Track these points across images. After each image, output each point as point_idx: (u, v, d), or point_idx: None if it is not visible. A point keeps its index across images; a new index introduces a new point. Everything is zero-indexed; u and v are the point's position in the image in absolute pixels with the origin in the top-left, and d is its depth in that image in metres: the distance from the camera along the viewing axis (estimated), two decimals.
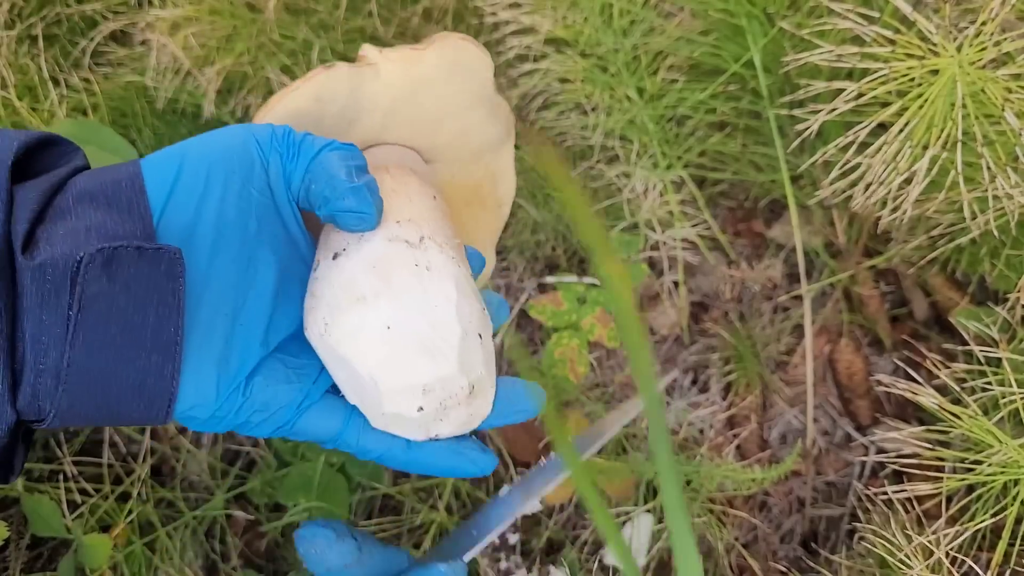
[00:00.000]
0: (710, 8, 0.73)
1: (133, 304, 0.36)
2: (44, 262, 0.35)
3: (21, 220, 0.36)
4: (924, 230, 0.72)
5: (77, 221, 0.37)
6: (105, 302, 0.36)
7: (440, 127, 0.53)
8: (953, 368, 0.64)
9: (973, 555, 0.61)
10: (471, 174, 0.58)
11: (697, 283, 0.84)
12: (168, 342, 0.37)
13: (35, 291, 0.35)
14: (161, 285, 0.37)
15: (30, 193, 0.38)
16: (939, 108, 0.55)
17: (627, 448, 0.74)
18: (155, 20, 0.72)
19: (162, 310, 0.37)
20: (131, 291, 0.36)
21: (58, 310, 0.35)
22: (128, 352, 0.36)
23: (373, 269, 0.41)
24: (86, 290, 0.35)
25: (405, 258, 0.42)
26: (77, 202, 0.38)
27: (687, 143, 0.80)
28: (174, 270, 0.37)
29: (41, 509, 0.63)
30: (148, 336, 0.37)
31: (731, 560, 0.71)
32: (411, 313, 0.40)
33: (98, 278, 0.35)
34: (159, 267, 0.37)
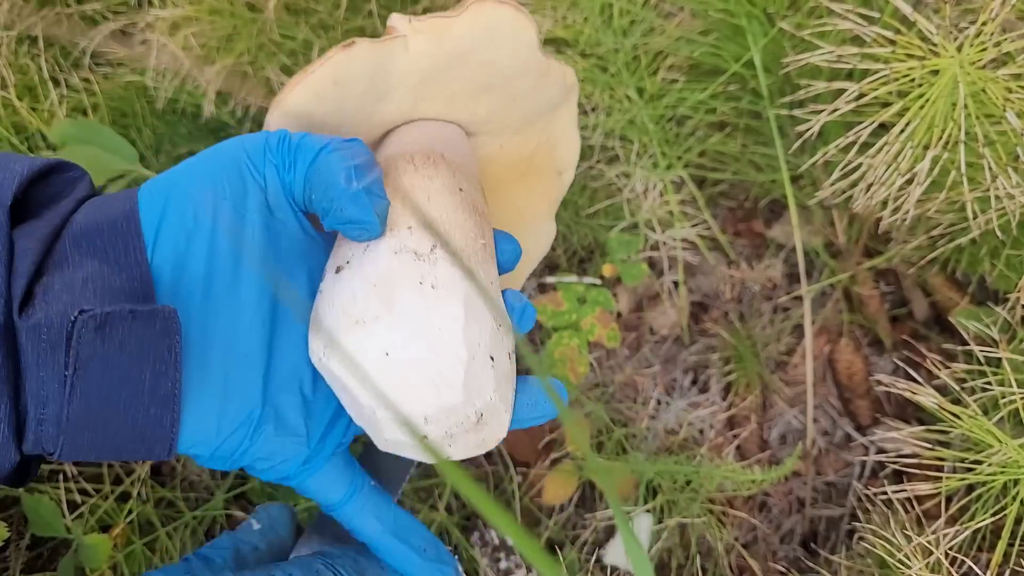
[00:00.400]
0: (710, 8, 0.73)
1: (129, 362, 0.36)
2: (39, 323, 0.35)
3: (21, 274, 0.36)
4: (924, 230, 0.72)
5: (74, 272, 0.37)
6: (100, 362, 0.36)
7: (480, 99, 0.48)
8: (953, 368, 0.64)
9: (973, 555, 0.61)
10: (524, 143, 0.54)
11: (697, 283, 0.84)
12: (166, 396, 0.37)
13: (31, 350, 0.36)
14: (156, 343, 0.37)
15: (30, 241, 0.37)
16: (940, 108, 0.55)
17: (627, 448, 0.74)
18: (155, 20, 0.72)
19: (159, 366, 0.37)
20: (126, 350, 0.36)
21: (55, 367, 0.36)
22: (126, 407, 0.37)
23: (374, 288, 0.38)
24: (80, 352, 0.35)
25: (410, 275, 0.39)
26: (74, 248, 0.38)
27: (687, 143, 0.80)
28: (169, 328, 0.37)
29: (41, 509, 0.63)
30: (145, 392, 0.37)
31: (731, 560, 0.71)
32: (412, 338, 0.38)
33: (92, 341, 0.35)
34: (154, 326, 0.36)
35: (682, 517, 0.69)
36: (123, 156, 0.65)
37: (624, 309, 0.82)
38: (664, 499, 0.70)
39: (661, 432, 0.76)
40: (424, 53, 0.45)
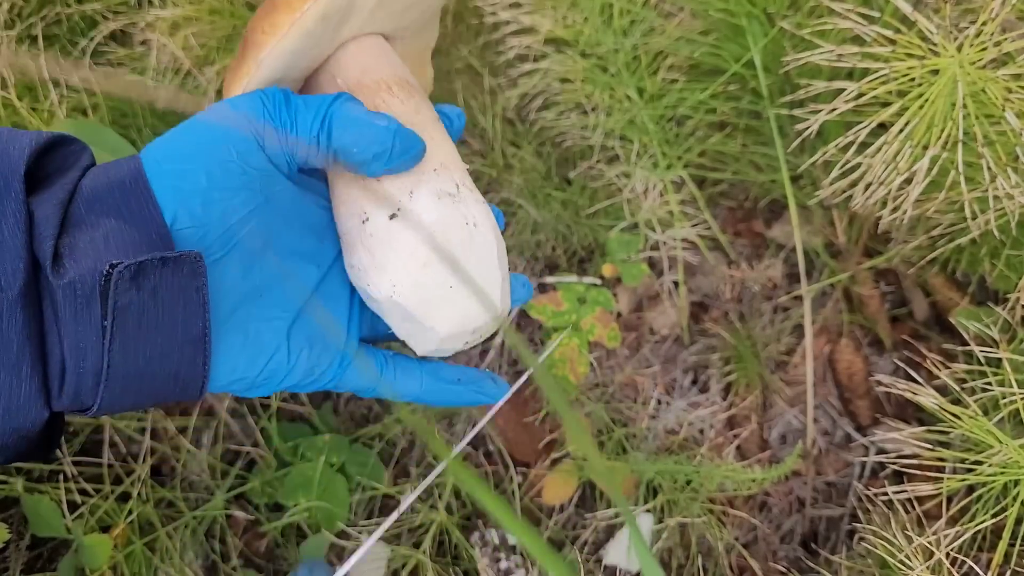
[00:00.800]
0: (710, 8, 0.73)
1: (162, 308, 0.39)
2: (73, 280, 0.37)
3: (46, 237, 0.38)
4: (924, 230, 0.72)
5: (94, 231, 0.39)
6: (135, 310, 0.38)
7: (412, 8, 0.52)
8: (953, 368, 0.64)
9: (973, 556, 0.61)
10: (422, 39, 0.58)
11: (697, 283, 0.84)
12: (197, 336, 0.40)
13: (67, 305, 0.38)
14: (186, 286, 0.39)
15: (47, 207, 0.39)
16: (939, 108, 0.55)
17: (627, 448, 0.74)
18: (155, 20, 0.72)
19: (189, 308, 0.40)
20: (158, 296, 0.39)
21: (91, 320, 0.38)
22: (161, 350, 0.40)
23: (434, 234, 0.45)
24: (118, 302, 0.37)
25: (455, 217, 0.45)
26: (88, 210, 0.40)
27: (687, 143, 0.80)
28: (196, 270, 0.39)
29: (41, 509, 0.63)
30: (178, 333, 0.40)
31: (731, 560, 0.71)
32: (469, 271, 0.46)
33: (127, 290, 0.38)
34: (182, 271, 0.39)
35: (682, 517, 0.69)
36: (123, 156, 0.65)
37: (624, 309, 0.82)
38: (664, 499, 0.70)
39: (661, 432, 0.76)
40: None
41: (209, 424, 0.76)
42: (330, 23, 0.47)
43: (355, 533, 0.70)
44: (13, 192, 0.38)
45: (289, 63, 0.48)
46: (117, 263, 0.37)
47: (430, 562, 0.67)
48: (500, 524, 0.56)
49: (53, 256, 0.38)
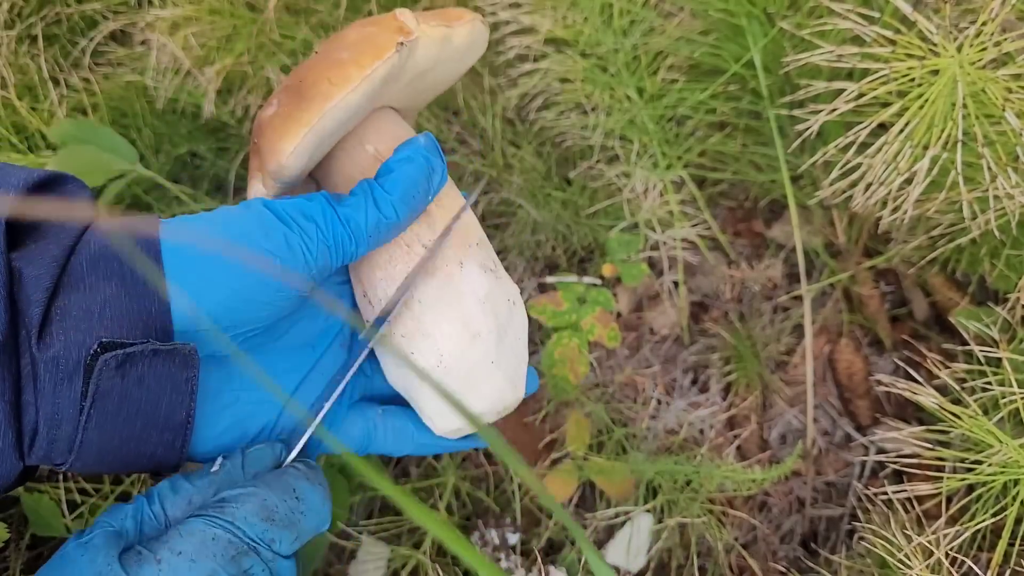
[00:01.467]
0: (710, 8, 0.73)
1: (147, 396, 0.38)
2: (57, 355, 0.36)
3: (35, 302, 0.36)
4: (924, 230, 0.72)
5: (91, 295, 0.37)
6: (118, 396, 0.37)
7: (433, 93, 0.54)
8: (953, 368, 0.64)
9: (973, 555, 0.61)
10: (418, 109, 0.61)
11: (697, 283, 0.84)
12: (179, 423, 0.39)
13: (48, 379, 0.36)
14: (175, 376, 0.38)
15: (39, 265, 0.37)
16: (939, 108, 0.55)
17: (627, 448, 0.74)
18: (155, 20, 0.72)
19: (175, 397, 0.38)
20: (144, 384, 0.37)
21: (71, 395, 0.37)
22: (139, 434, 0.38)
23: (483, 306, 0.45)
24: (99, 387, 0.36)
25: (499, 293, 0.47)
26: (91, 269, 0.38)
27: (687, 143, 0.80)
28: (188, 362, 0.38)
29: (41, 509, 0.63)
30: (160, 420, 0.38)
31: (731, 560, 0.71)
32: (509, 349, 0.47)
33: (111, 377, 0.36)
34: (173, 362, 0.38)
35: (682, 517, 0.69)
36: (123, 156, 0.65)
37: (624, 309, 0.82)
38: (664, 499, 0.70)
39: (661, 432, 0.76)
40: (427, 55, 0.48)
41: None
42: (388, 84, 0.47)
43: (355, 533, 0.70)
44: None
45: (344, 121, 0.47)
46: (105, 344, 0.35)
47: (430, 562, 0.67)
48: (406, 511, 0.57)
49: (41, 321, 0.36)
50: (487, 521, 0.73)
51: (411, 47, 0.45)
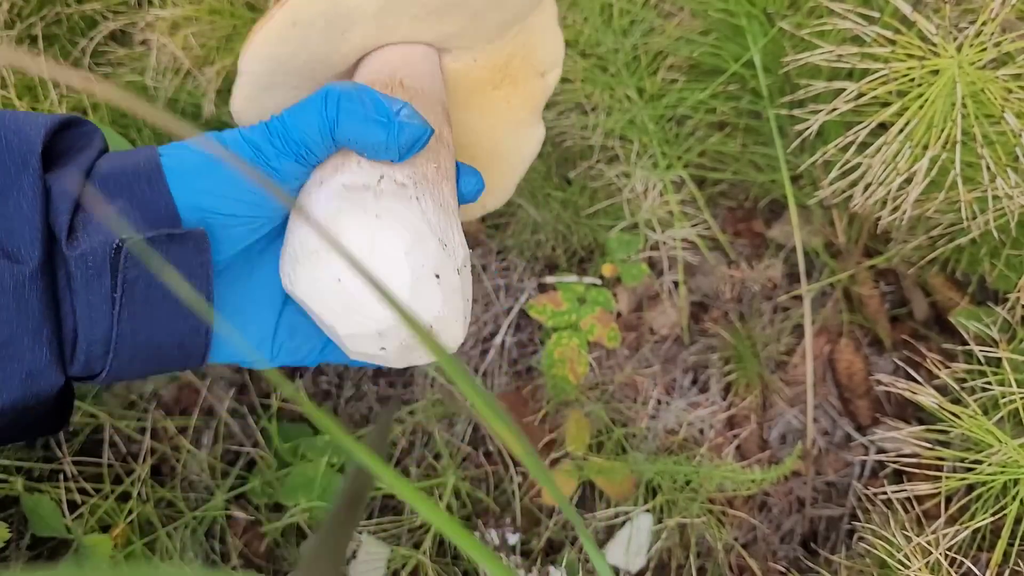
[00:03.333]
0: (710, 8, 0.73)
1: (168, 280, 0.40)
2: (85, 252, 0.39)
3: (62, 212, 0.40)
4: (924, 230, 0.72)
5: (106, 208, 0.41)
6: (143, 283, 0.40)
7: (444, 17, 0.49)
8: (953, 368, 0.64)
9: (973, 555, 0.61)
10: (497, 52, 0.54)
11: (697, 283, 0.84)
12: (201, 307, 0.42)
13: (80, 276, 0.40)
14: (191, 260, 0.42)
15: (63, 183, 0.41)
16: (939, 108, 0.55)
17: (627, 448, 0.74)
18: (155, 20, 0.72)
19: (193, 281, 0.42)
20: (165, 269, 0.40)
21: (101, 291, 0.40)
22: (168, 320, 0.42)
23: (325, 221, 0.43)
24: (127, 276, 0.40)
25: (356, 208, 0.43)
26: (103, 188, 0.42)
27: (687, 143, 0.80)
28: (201, 246, 0.42)
29: (41, 509, 0.63)
30: (184, 304, 0.42)
31: (731, 560, 0.71)
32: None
33: (136, 264, 0.40)
34: (188, 246, 0.41)
35: (682, 517, 0.69)
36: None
37: (624, 309, 0.82)
38: (664, 499, 0.70)
39: (661, 432, 0.76)
40: None
41: (209, 424, 0.76)
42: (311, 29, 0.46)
43: (355, 533, 0.70)
44: (31, 168, 0.40)
45: (272, 67, 0.48)
46: (127, 237, 0.39)
47: (430, 562, 0.67)
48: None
49: (68, 229, 0.40)
50: (487, 521, 0.73)
51: None
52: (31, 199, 0.39)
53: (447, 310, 0.43)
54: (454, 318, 0.44)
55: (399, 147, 0.43)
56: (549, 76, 0.57)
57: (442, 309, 0.43)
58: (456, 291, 0.44)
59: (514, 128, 0.59)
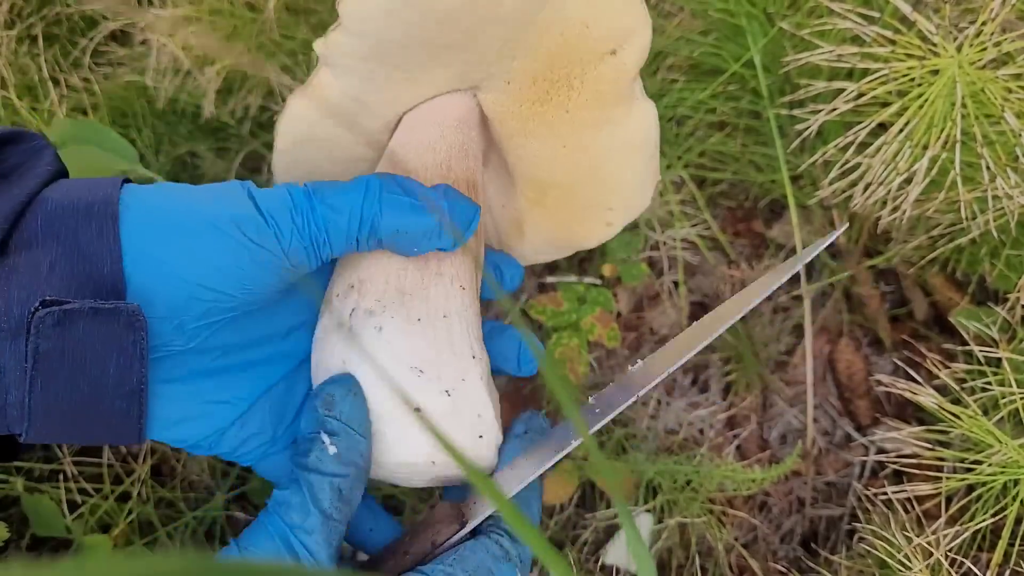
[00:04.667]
0: (710, 8, 0.73)
1: (90, 357, 0.36)
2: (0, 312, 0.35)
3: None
4: (924, 230, 0.72)
5: (41, 253, 0.36)
6: (59, 357, 0.35)
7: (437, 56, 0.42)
8: (953, 368, 0.64)
9: (973, 555, 0.61)
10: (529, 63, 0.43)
11: (697, 283, 0.84)
12: (132, 390, 0.37)
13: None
14: (120, 338, 0.36)
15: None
16: (939, 108, 0.55)
17: (627, 448, 0.74)
18: (155, 20, 0.72)
19: (123, 360, 0.36)
20: (87, 344, 0.36)
21: (15, 355, 0.35)
22: (89, 398, 0.37)
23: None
24: (39, 346, 0.35)
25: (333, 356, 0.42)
26: (46, 227, 0.37)
27: (687, 143, 0.80)
28: (133, 323, 0.36)
29: (41, 509, 0.63)
30: (110, 385, 0.37)
31: (731, 560, 0.71)
32: None
33: (50, 336, 0.35)
34: (117, 322, 0.36)
35: (682, 517, 0.69)
36: (123, 156, 0.65)
37: (624, 309, 0.82)
38: (664, 499, 0.70)
39: (661, 432, 0.76)
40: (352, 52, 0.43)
41: None
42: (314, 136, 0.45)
43: None
44: None
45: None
46: (47, 302, 0.35)
47: None
48: None
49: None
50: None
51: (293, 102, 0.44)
52: None
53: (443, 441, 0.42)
54: (465, 443, 0.41)
55: (453, 229, 0.40)
56: (624, 52, 0.44)
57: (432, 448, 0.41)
58: (449, 415, 0.41)
59: (595, 131, 0.48)
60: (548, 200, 0.49)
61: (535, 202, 0.50)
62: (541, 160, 0.48)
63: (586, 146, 0.46)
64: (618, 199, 0.50)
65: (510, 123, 0.46)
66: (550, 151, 0.47)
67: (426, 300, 0.42)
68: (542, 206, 0.50)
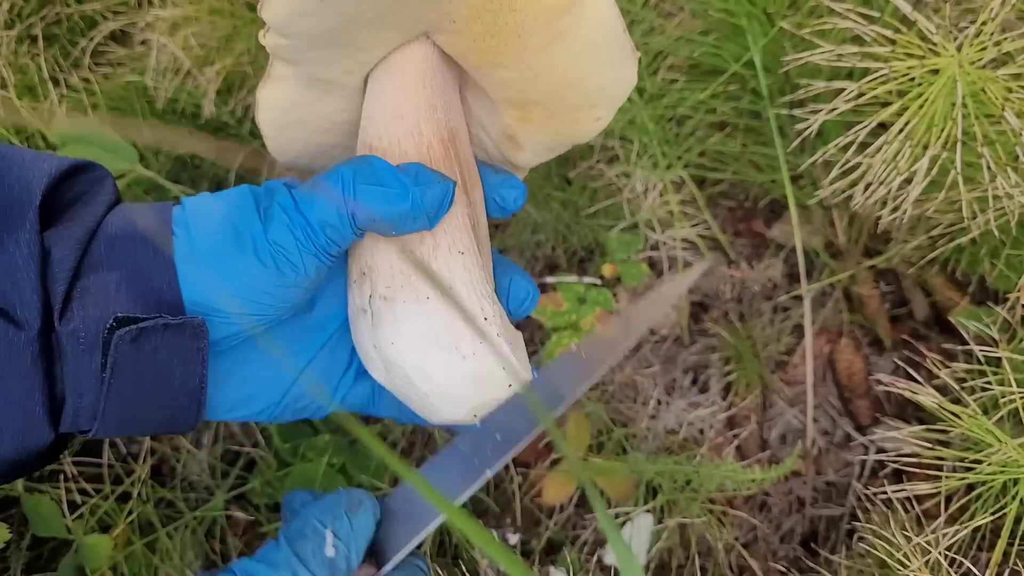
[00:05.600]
0: (710, 8, 0.73)
1: (161, 366, 0.40)
2: (77, 328, 0.39)
3: (59, 281, 0.39)
4: (924, 230, 0.72)
5: (108, 275, 0.40)
6: (134, 368, 0.40)
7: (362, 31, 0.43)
8: (953, 368, 0.64)
9: (972, 555, 0.61)
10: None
11: (697, 283, 0.84)
12: (193, 390, 0.42)
13: (70, 351, 0.39)
14: (186, 347, 0.41)
15: (65, 247, 0.40)
16: (939, 108, 0.55)
17: (627, 448, 0.74)
18: (155, 20, 0.72)
19: (188, 367, 0.41)
20: (158, 355, 0.40)
21: (92, 365, 0.40)
22: (157, 400, 0.41)
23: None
24: (117, 360, 0.39)
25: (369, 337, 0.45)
26: (108, 251, 0.41)
27: (687, 143, 0.80)
28: (198, 334, 0.41)
29: (41, 509, 0.63)
30: (175, 387, 0.41)
31: (731, 560, 0.71)
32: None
33: (127, 351, 0.39)
34: (184, 334, 0.40)
35: (682, 517, 0.69)
36: (123, 156, 0.65)
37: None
38: (664, 499, 0.70)
39: (661, 432, 0.76)
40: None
41: (209, 424, 0.76)
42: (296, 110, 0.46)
43: None
44: (28, 223, 0.39)
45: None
46: (121, 319, 0.39)
47: (430, 562, 0.67)
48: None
49: (64, 300, 0.39)
50: (487, 521, 0.73)
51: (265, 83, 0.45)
52: (27, 256, 0.39)
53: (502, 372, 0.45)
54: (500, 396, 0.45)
55: (426, 213, 0.42)
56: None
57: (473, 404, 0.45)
58: (474, 379, 0.45)
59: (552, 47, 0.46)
60: (532, 117, 0.51)
61: (521, 120, 0.51)
62: (513, 85, 0.48)
63: (550, 64, 0.47)
64: (600, 97, 0.50)
65: (471, 58, 0.47)
66: (518, 75, 0.48)
67: (432, 307, 0.44)
68: (528, 123, 0.51)
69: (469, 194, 0.47)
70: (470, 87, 0.52)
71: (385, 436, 0.75)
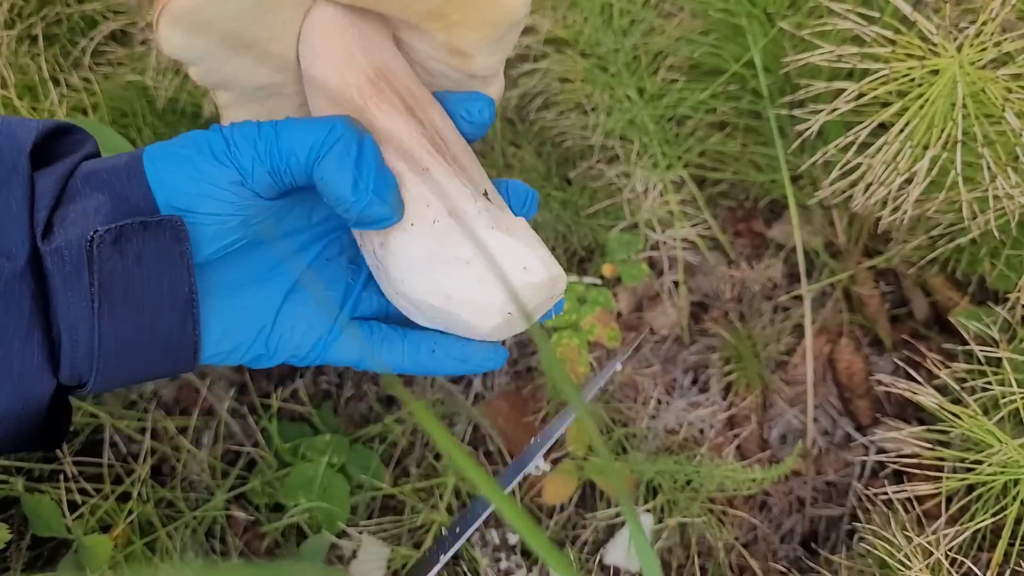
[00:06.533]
0: (710, 8, 0.73)
1: (147, 273, 0.40)
2: (60, 246, 0.39)
3: (41, 208, 0.40)
4: (924, 230, 0.72)
5: (86, 202, 0.41)
6: (121, 277, 0.40)
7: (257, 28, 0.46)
8: (953, 368, 0.64)
9: (973, 555, 0.61)
10: None
11: (697, 283, 0.84)
12: (184, 301, 0.42)
13: (57, 273, 0.39)
14: (169, 250, 0.41)
15: (47, 182, 0.41)
16: (939, 108, 0.55)
17: (627, 448, 0.74)
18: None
19: (174, 272, 0.41)
20: (143, 261, 0.40)
21: (80, 289, 0.39)
22: (150, 318, 0.41)
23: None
24: (103, 267, 0.39)
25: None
26: (84, 184, 0.41)
27: (687, 143, 0.80)
28: (178, 235, 0.41)
29: (41, 509, 0.63)
30: (165, 299, 0.41)
31: (731, 560, 0.71)
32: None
33: (111, 256, 0.39)
34: (164, 235, 0.40)
35: (682, 517, 0.69)
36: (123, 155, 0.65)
37: (624, 309, 0.82)
38: (664, 499, 0.70)
39: (661, 432, 0.76)
40: None
41: (209, 424, 0.76)
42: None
43: (355, 533, 0.70)
44: (20, 169, 0.40)
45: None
46: (101, 232, 0.39)
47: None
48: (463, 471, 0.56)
49: (45, 225, 0.40)
50: (487, 521, 0.73)
51: None
52: (20, 199, 0.39)
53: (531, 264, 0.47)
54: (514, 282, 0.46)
55: (358, 216, 0.42)
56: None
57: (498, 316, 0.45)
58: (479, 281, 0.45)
59: None
60: (454, 17, 0.51)
61: (447, 27, 0.51)
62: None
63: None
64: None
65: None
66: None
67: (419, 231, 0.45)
68: (456, 25, 0.51)
69: (417, 116, 0.47)
70: (402, 31, 0.52)
71: (385, 436, 0.75)
